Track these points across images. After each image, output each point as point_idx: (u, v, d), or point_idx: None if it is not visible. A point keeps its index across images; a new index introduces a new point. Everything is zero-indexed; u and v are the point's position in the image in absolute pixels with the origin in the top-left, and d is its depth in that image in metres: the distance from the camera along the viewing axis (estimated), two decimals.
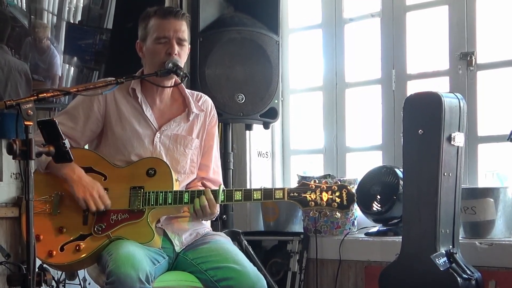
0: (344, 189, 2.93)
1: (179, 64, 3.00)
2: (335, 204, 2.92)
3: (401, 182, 3.99)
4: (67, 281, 4.16)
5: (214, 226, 3.63)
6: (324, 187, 2.94)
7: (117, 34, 4.39)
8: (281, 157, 4.98)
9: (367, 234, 4.29)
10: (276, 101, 4.17)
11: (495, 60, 4.11)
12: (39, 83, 4.12)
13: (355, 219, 4.39)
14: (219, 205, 3.01)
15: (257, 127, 4.35)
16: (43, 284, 2.54)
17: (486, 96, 4.13)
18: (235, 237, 3.82)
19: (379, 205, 4.11)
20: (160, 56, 3.04)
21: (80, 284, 4.18)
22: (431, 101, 3.61)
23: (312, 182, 2.95)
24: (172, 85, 3.12)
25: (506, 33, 4.10)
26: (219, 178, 3.27)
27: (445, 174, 3.59)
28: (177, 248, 3.07)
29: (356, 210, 4.33)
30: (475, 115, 4.08)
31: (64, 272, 4.07)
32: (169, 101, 3.19)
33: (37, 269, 2.42)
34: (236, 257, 2.97)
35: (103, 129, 3.13)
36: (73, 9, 4.30)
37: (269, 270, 4.35)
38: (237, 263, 2.93)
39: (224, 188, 3.01)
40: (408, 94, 3.90)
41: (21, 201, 4.07)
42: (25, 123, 2.45)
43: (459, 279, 3.49)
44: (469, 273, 3.55)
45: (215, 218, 3.14)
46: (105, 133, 3.13)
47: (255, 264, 3.24)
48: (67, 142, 2.55)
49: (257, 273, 2.94)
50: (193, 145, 3.18)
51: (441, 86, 4.20)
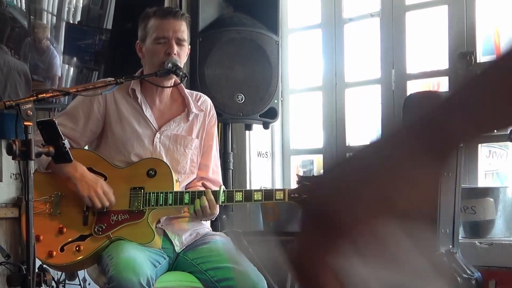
0: None
1: (178, 64, 2.99)
2: None
3: None
4: (67, 281, 4.16)
5: (214, 226, 3.63)
6: None
7: (116, 35, 4.38)
8: (280, 157, 4.97)
9: None
10: (276, 101, 4.16)
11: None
12: (38, 83, 4.12)
13: None
14: (219, 206, 3.01)
15: (257, 127, 4.34)
16: (43, 285, 2.54)
17: None
18: (235, 237, 3.81)
19: None
20: (159, 56, 3.03)
21: (80, 285, 4.17)
22: (431, 100, 3.61)
23: None
24: (172, 85, 3.12)
25: (506, 33, 4.09)
26: (219, 178, 3.27)
27: (445, 173, 3.59)
28: (177, 249, 3.07)
29: None
30: None
31: (64, 273, 4.07)
32: (168, 101, 3.19)
33: (37, 270, 2.42)
34: (236, 257, 2.97)
35: (103, 130, 3.13)
36: (73, 9, 4.30)
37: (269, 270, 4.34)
38: (237, 263, 2.93)
39: (225, 189, 3.01)
40: (408, 94, 3.89)
41: (21, 201, 4.06)
42: (25, 123, 2.46)
43: (459, 279, 3.49)
44: (469, 272, 3.55)
45: (214, 218, 3.14)
46: (105, 134, 3.13)
47: (255, 264, 3.23)
48: (66, 143, 2.55)
49: (257, 273, 2.94)
50: (193, 145, 3.18)
51: (440, 85, 4.20)
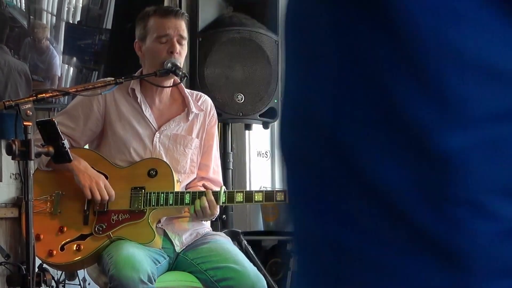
0: None
1: (178, 64, 2.99)
2: None
3: None
4: (66, 281, 4.16)
5: (214, 226, 3.63)
6: None
7: (116, 34, 4.37)
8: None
9: None
10: (276, 100, 4.16)
11: None
12: (38, 83, 4.11)
13: None
14: (219, 206, 3.01)
15: (257, 127, 4.34)
16: (42, 285, 2.54)
17: None
18: (235, 237, 3.81)
19: None
20: (161, 55, 3.01)
21: (80, 284, 4.17)
22: None
23: None
24: (171, 85, 3.11)
25: None
26: (219, 177, 3.27)
27: None
28: (178, 248, 3.06)
29: None
30: None
31: (64, 272, 4.06)
32: (168, 101, 3.18)
33: (36, 270, 2.42)
34: (236, 257, 2.96)
35: (103, 129, 3.12)
36: (72, 9, 4.29)
37: (269, 270, 4.34)
38: (237, 263, 2.93)
39: (226, 190, 3.01)
40: None
41: (20, 201, 4.05)
42: (24, 123, 2.46)
43: None
44: None
45: (214, 219, 3.14)
46: (105, 133, 3.12)
47: (255, 264, 3.23)
48: (66, 143, 2.55)
49: (257, 273, 2.93)
50: (193, 144, 3.17)
51: None
